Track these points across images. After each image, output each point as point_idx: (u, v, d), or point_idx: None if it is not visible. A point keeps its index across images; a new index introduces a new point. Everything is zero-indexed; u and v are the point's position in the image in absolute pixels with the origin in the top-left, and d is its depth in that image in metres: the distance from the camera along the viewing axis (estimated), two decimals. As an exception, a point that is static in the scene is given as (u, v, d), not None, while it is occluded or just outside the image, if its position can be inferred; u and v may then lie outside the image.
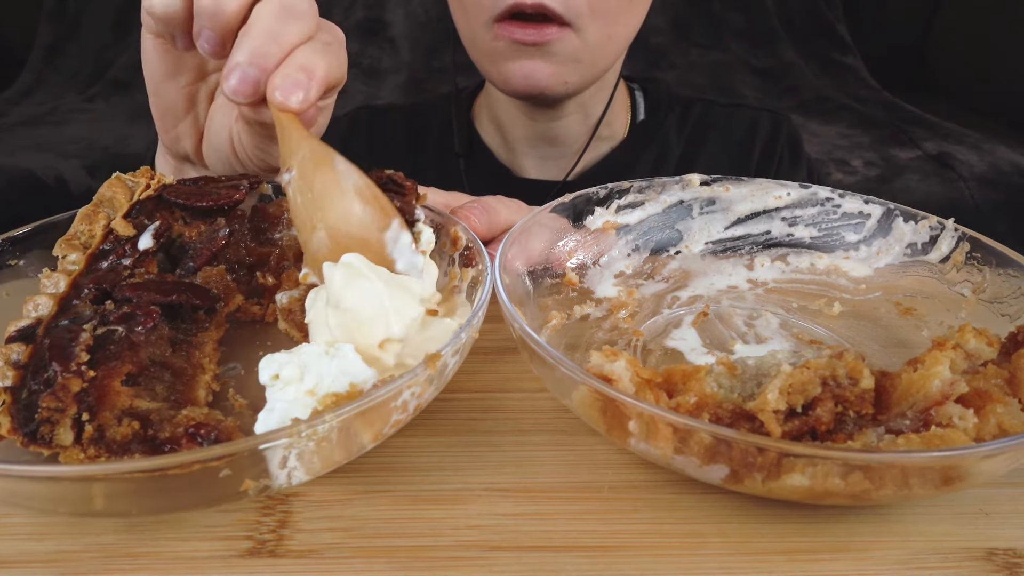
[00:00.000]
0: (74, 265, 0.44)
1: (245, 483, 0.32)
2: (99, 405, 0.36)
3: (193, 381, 0.41)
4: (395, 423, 0.37)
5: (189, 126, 0.57)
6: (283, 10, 0.44)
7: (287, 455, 0.32)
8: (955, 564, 0.35)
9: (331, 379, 0.35)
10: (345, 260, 0.40)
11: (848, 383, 0.37)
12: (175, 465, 0.29)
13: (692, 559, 0.35)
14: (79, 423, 0.35)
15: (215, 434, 0.35)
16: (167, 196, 0.49)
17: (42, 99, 2.33)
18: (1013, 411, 0.36)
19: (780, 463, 0.32)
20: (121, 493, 0.31)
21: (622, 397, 0.34)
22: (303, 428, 0.31)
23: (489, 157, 0.97)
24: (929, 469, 0.32)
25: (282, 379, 0.36)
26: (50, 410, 0.34)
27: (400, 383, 0.34)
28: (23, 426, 0.34)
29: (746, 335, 0.53)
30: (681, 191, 0.60)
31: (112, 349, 0.38)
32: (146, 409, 0.37)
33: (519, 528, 0.37)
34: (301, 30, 0.44)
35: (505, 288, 0.43)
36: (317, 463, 0.34)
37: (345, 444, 0.35)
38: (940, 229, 0.54)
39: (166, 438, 0.35)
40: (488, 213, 0.54)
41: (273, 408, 0.35)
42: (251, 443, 0.31)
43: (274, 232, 0.53)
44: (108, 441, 0.35)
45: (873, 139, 2.12)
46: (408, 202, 0.47)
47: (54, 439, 0.35)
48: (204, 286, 0.47)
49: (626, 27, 0.81)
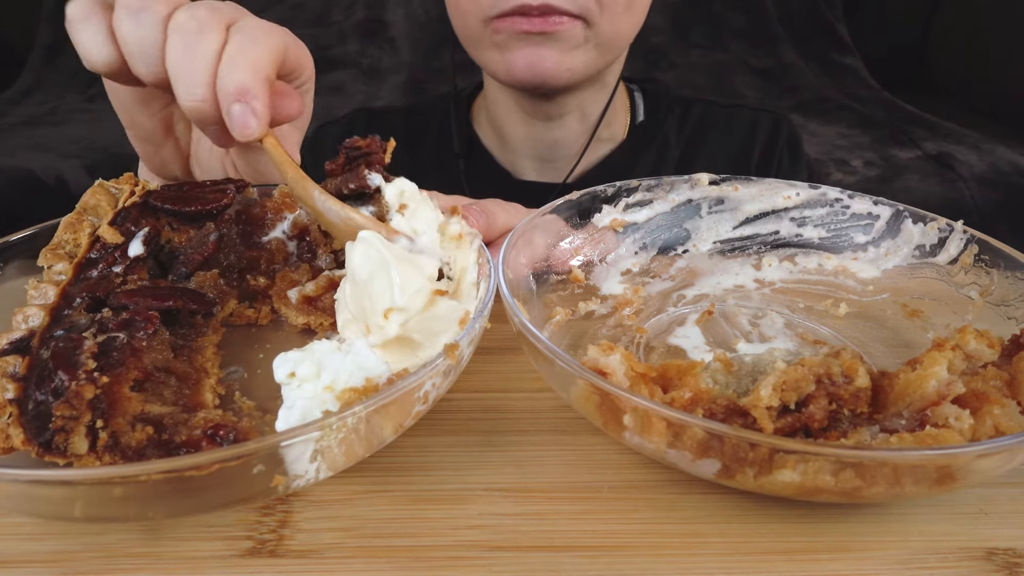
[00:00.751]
0: (61, 275, 0.44)
1: (276, 479, 0.32)
2: (112, 411, 0.36)
3: (199, 385, 0.41)
4: (416, 415, 0.37)
5: (172, 150, 0.57)
6: (183, 37, 0.43)
7: (317, 449, 0.32)
8: (955, 564, 0.35)
9: (347, 374, 0.36)
10: (361, 235, 0.42)
11: (843, 381, 0.37)
12: (213, 461, 0.29)
13: (692, 559, 0.35)
14: (93, 431, 0.35)
15: (234, 435, 0.35)
16: (153, 202, 0.49)
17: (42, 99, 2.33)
18: (1010, 413, 0.36)
19: (771, 459, 0.32)
20: (148, 495, 0.31)
21: (615, 390, 0.34)
22: (334, 420, 0.32)
23: (488, 159, 0.97)
24: (920, 468, 0.32)
25: (298, 377, 0.36)
26: (64, 418, 0.34)
27: (422, 374, 0.35)
28: (37, 436, 0.34)
29: (750, 334, 0.53)
30: (690, 190, 0.60)
31: (116, 356, 0.38)
32: (158, 414, 0.37)
33: (519, 528, 0.37)
34: (210, 46, 0.43)
35: (507, 283, 0.43)
36: (341, 458, 0.34)
37: (369, 437, 0.35)
38: (949, 231, 0.54)
39: (183, 441, 0.35)
40: (487, 215, 0.54)
41: (292, 405, 0.35)
42: (285, 436, 0.31)
43: (261, 235, 0.53)
44: (123, 447, 0.35)
45: (873, 139, 2.12)
46: (378, 160, 0.47)
47: (69, 448, 0.34)
48: (199, 291, 0.47)
49: (631, 23, 0.81)
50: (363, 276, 0.41)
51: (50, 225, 0.48)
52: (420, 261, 0.43)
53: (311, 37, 2.44)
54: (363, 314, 0.40)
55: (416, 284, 0.40)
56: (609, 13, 0.76)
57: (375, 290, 0.40)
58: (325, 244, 0.53)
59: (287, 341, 0.48)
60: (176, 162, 0.57)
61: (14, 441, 0.34)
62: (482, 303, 0.41)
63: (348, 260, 0.42)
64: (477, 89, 1.00)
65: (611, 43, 0.80)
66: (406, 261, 0.41)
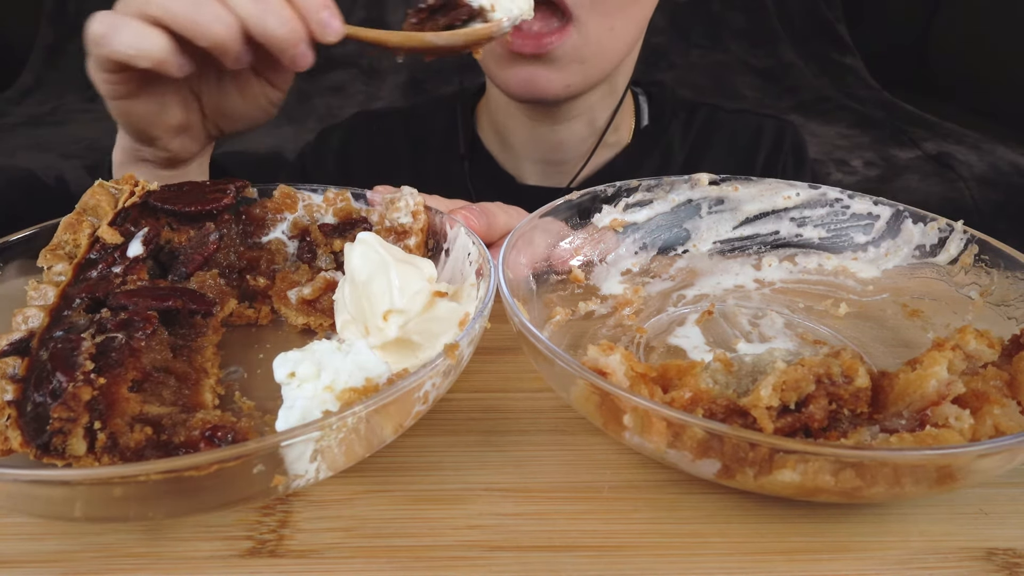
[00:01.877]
0: (61, 276, 0.44)
1: (276, 479, 0.32)
2: (110, 412, 0.36)
3: (198, 385, 0.41)
4: (416, 415, 0.37)
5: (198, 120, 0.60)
6: None
7: (317, 449, 0.32)
8: (955, 564, 0.35)
9: (347, 374, 0.36)
10: (360, 237, 0.42)
11: (843, 381, 0.37)
12: (213, 461, 0.29)
13: (692, 559, 0.35)
14: (91, 432, 0.35)
15: (232, 435, 0.35)
16: (153, 202, 0.49)
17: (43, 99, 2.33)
18: (1010, 412, 0.36)
19: (771, 459, 0.32)
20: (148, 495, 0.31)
21: (615, 390, 0.34)
22: (334, 420, 0.32)
23: (491, 163, 0.97)
24: (920, 468, 0.32)
25: (298, 377, 0.36)
26: (62, 420, 0.34)
27: (422, 374, 0.35)
28: (35, 438, 0.34)
29: (750, 334, 0.53)
30: (690, 190, 0.60)
31: (114, 356, 0.38)
32: (157, 415, 0.37)
33: (519, 528, 0.37)
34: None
35: (507, 283, 0.43)
36: (341, 458, 0.34)
37: (369, 437, 0.35)
38: (949, 231, 0.53)
39: (181, 442, 0.35)
40: (487, 216, 0.54)
41: (293, 405, 0.35)
42: (286, 436, 0.31)
43: (261, 235, 0.53)
44: (122, 448, 0.35)
45: (873, 139, 2.12)
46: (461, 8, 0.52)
47: (67, 450, 0.34)
48: (199, 291, 0.47)
49: (628, 21, 0.80)
50: (362, 277, 0.41)
51: (50, 225, 0.48)
52: (419, 262, 0.42)
53: (311, 37, 2.44)
54: (362, 315, 0.41)
55: (415, 286, 0.40)
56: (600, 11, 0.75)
57: (374, 292, 0.40)
58: (325, 244, 0.53)
59: (287, 341, 0.49)
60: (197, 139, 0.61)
61: (12, 443, 0.34)
62: (482, 303, 0.41)
63: (347, 261, 0.42)
64: (479, 91, 1.00)
65: (604, 51, 0.79)
66: (405, 262, 0.41)
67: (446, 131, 0.98)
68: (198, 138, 0.61)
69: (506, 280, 0.43)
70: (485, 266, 0.45)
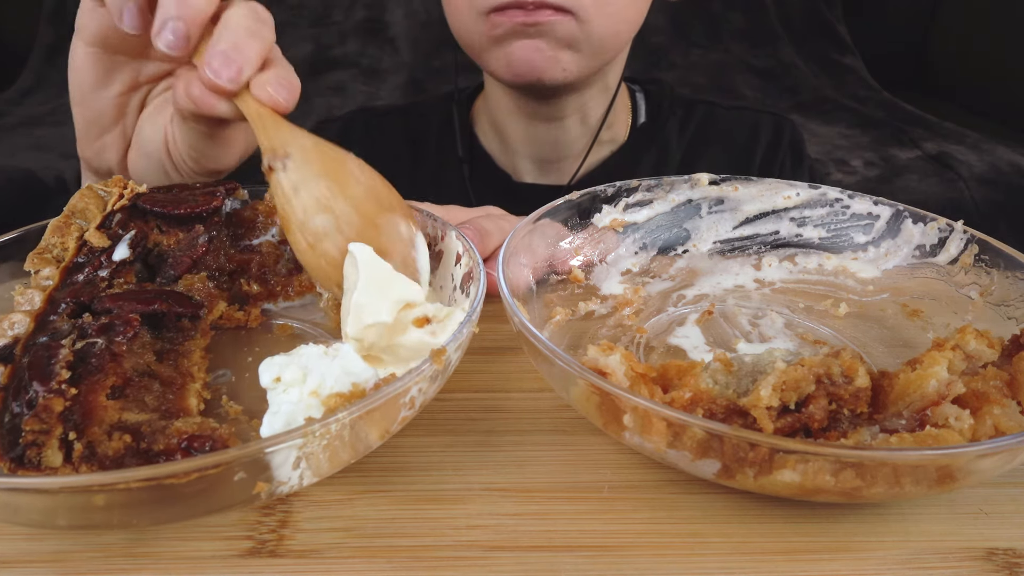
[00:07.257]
0: (48, 280, 0.43)
1: (258, 486, 0.32)
2: (86, 422, 0.35)
3: (183, 390, 0.41)
4: (402, 420, 0.37)
5: (117, 136, 0.56)
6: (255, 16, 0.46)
7: (300, 455, 0.32)
8: (955, 564, 0.35)
9: (334, 379, 0.35)
10: (351, 248, 0.41)
11: (843, 381, 0.37)
12: (192, 470, 0.29)
13: (692, 559, 0.35)
14: (67, 443, 0.34)
15: (210, 445, 0.34)
16: (142, 205, 0.48)
17: (42, 99, 2.32)
18: (1011, 413, 0.36)
19: (771, 459, 0.32)
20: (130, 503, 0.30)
21: (615, 390, 0.34)
22: (317, 427, 0.31)
23: (489, 162, 0.97)
24: (920, 468, 0.32)
25: (284, 381, 0.36)
26: (35, 433, 0.33)
27: (408, 379, 0.34)
28: (8, 451, 0.33)
29: (750, 334, 0.53)
30: (690, 190, 0.60)
31: (93, 363, 0.37)
32: (136, 422, 0.37)
33: (519, 528, 0.37)
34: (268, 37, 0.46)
35: (507, 283, 0.43)
36: (326, 464, 0.34)
37: (354, 443, 0.35)
38: (949, 231, 0.53)
39: (161, 450, 0.35)
40: (480, 235, 0.54)
41: (277, 411, 0.35)
42: (266, 444, 0.30)
43: (252, 237, 0.52)
44: (100, 457, 0.34)
45: (873, 139, 2.12)
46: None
47: (43, 462, 0.33)
48: (185, 293, 0.46)
49: (628, 22, 0.80)
50: (348, 286, 0.41)
51: (37, 227, 0.47)
52: (401, 284, 0.40)
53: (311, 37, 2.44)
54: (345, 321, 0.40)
55: (373, 318, 0.38)
56: (602, 10, 0.75)
57: (343, 307, 0.40)
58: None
59: (277, 345, 0.48)
60: (116, 150, 0.57)
61: None
62: (471, 307, 0.40)
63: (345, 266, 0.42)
64: (478, 90, 1.00)
65: (604, 43, 0.79)
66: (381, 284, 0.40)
67: (444, 130, 0.99)
68: (118, 144, 0.58)
69: (506, 280, 0.43)
70: (475, 270, 0.44)
